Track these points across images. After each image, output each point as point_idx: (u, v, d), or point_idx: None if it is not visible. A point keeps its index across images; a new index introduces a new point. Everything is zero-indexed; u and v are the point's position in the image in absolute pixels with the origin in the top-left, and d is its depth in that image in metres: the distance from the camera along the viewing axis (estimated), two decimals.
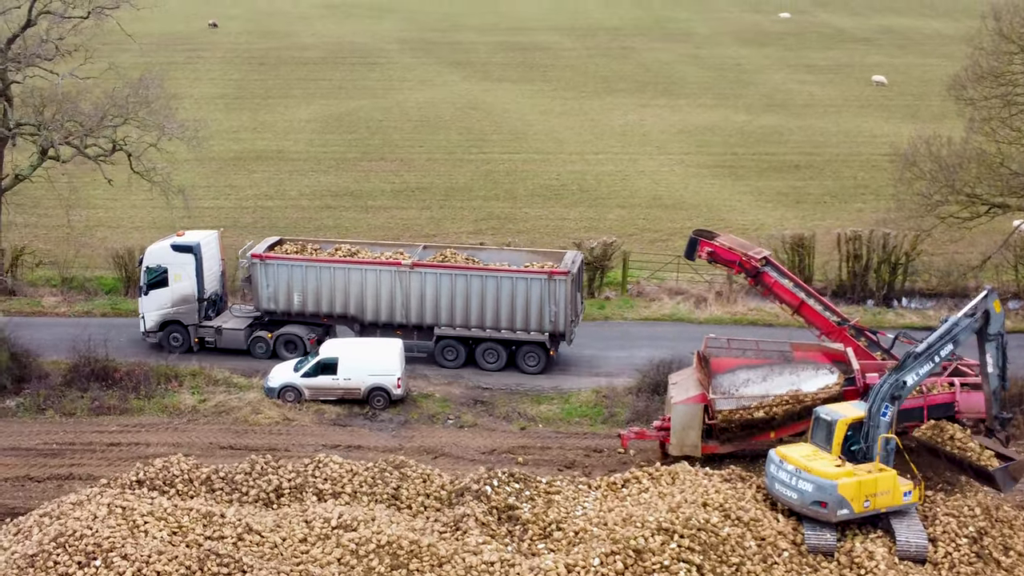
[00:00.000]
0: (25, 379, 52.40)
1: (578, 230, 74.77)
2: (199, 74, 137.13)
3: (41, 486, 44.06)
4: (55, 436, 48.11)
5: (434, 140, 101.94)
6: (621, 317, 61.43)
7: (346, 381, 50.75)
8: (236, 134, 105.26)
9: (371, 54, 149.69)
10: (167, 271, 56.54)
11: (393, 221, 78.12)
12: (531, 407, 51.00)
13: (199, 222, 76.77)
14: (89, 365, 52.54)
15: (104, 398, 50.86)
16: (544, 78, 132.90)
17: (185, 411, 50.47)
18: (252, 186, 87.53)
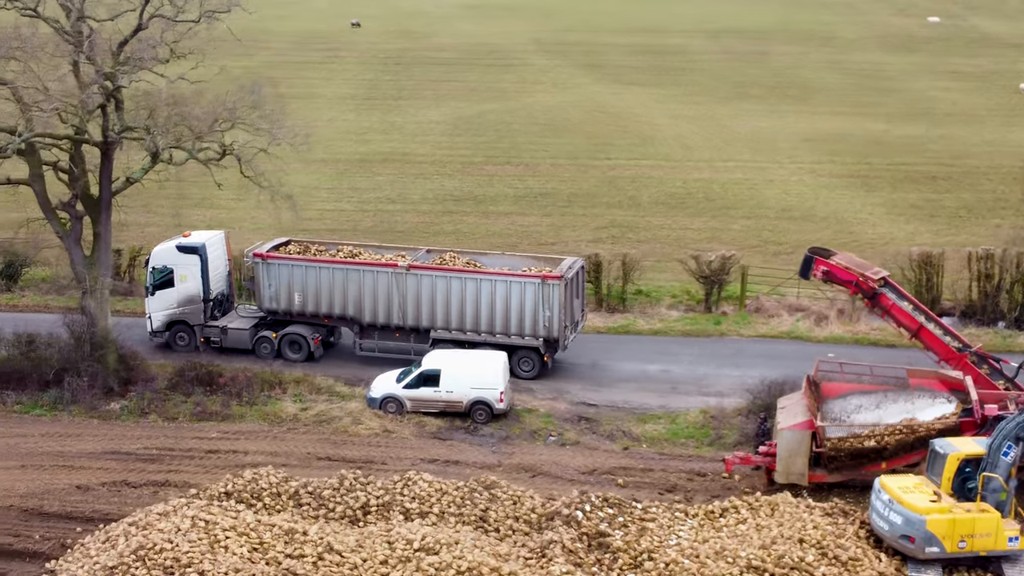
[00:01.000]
0: (132, 381, 52.54)
1: (700, 240, 73.06)
2: (333, 74, 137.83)
3: (137, 492, 43.93)
4: (155, 441, 48.05)
5: (560, 144, 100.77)
6: (737, 334, 59.59)
7: (448, 394, 49.90)
8: (364, 135, 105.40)
9: (506, 55, 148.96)
10: (173, 272, 56.90)
11: (513, 227, 77.17)
12: (636, 426, 49.58)
13: (319, 224, 77.07)
14: (194, 369, 52.50)
15: (207, 403, 50.73)
16: (676, 82, 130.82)
17: (286, 419, 50.06)
18: (375, 189, 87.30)
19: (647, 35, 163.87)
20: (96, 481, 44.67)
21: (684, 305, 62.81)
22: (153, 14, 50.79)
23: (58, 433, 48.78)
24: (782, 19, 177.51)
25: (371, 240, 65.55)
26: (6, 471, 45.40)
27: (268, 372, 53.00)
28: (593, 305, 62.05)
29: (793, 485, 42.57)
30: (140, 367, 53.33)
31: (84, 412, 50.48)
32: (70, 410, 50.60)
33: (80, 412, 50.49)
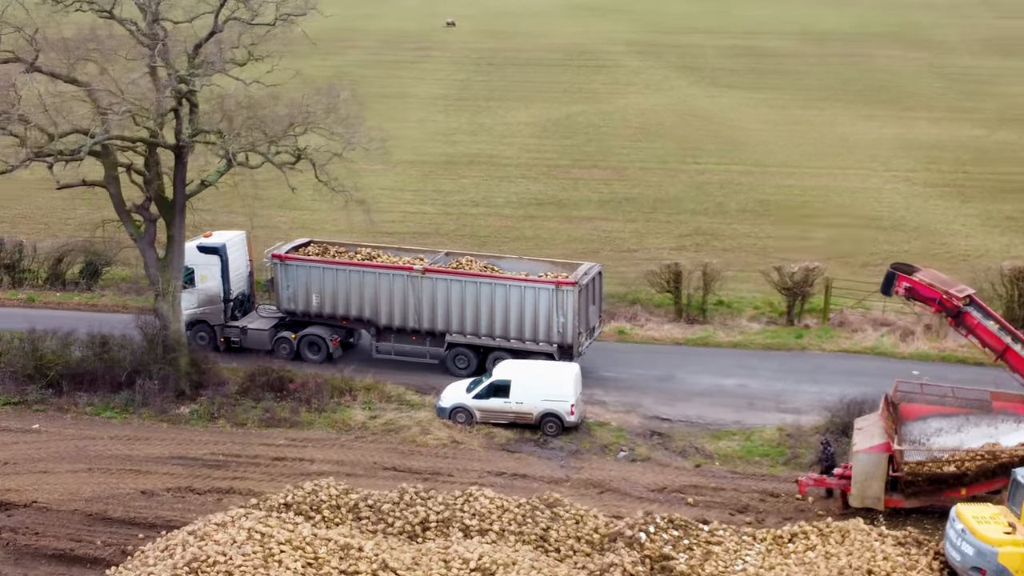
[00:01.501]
0: (203, 385, 52.43)
1: (786, 250, 71.40)
2: (425, 74, 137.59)
3: (201, 499, 43.69)
4: (223, 447, 47.80)
5: (650, 148, 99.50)
6: (818, 348, 58.04)
7: (518, 405, 49.09)
8: (452, 136, 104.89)
9: (600, 56, 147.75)
10: (193, 272, 56.83)
11: (595, 233, 76.12)
12: (710, 442, 48.37)
13: (401, 227, 76.75)
14: (265, 374, 52.22)
15: (276, 409, 50.44)
16: (771, 85, 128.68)
17: (354, 427, 49.57)
18: (459, 191, 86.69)
19: (745, 37, 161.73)
20: (161, 486, 44.52)
21: (766, 317, 61.36)
22: (229, 17, 50.50)
23: (127, 436, 48.73)
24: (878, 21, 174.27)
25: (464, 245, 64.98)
26: (73, 474, 45.44)
27: (339, 379, 52.53)
28: (672, 315, 60.94)
29: (868, 509, 41.25)
30: (212, 371, 53.19)
31: (154, 415, 50.41)
32: (140, 413, 50.56)
33: (150, 415, 50.43)
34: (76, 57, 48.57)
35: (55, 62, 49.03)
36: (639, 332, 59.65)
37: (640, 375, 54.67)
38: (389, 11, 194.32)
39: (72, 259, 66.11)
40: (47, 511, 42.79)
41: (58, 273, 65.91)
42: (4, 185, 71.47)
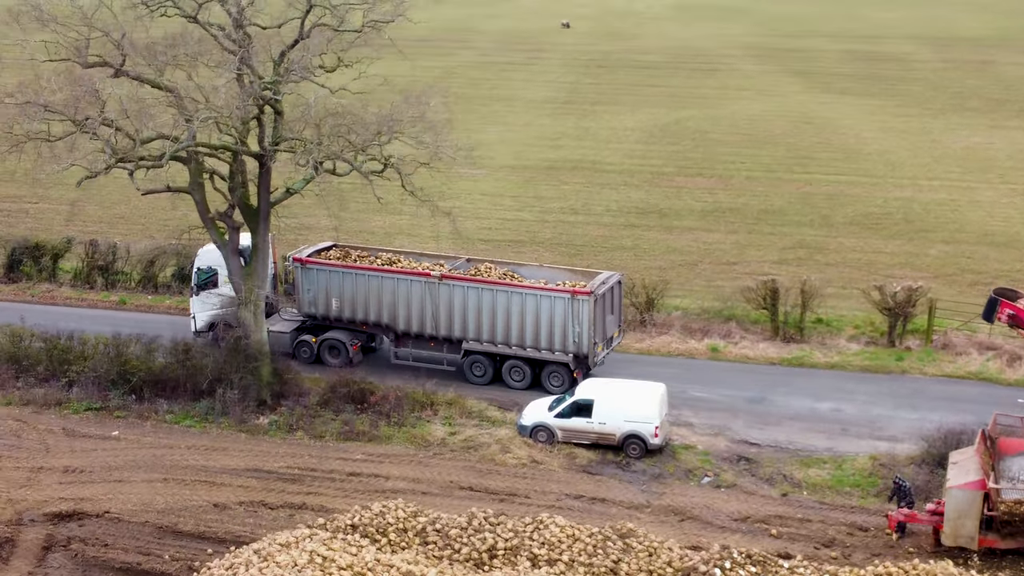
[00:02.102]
0: (284, 395, 51.83)
1: (893, 266, 69.13)
2: (535, 75, 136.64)
3: (273, 514, 42.99)
4: (299, 460, 47.07)
5: (758, 156, 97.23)
6: (919, 372, 55.65)
7: (600, 425, 47.68)
8: (557, 141, 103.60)
9: (713, 59, 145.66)
10: (216, 273, 56.43)
11: (695, 244, 74.33)
12: (798, 470, 46.48)
13: (497, 234, 75.81)
14: (346, 386, 51.45)
15: (355, 423, 49.60)
16: (890, 92, 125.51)
17: (433, 443, 48.54)
18: (560, 198, 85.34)
19: (867, 41, 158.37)
20: (234, 500, 43.92)
21: (866, 337, 59.01)
22: (315, 23, 49.77)
23: (204, 446, 48.24)
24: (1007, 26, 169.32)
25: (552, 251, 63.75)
26: (148, 484, 45.04)
27: (420, 392, 51.57)
28: (768, 333, 58.97)
29: (961, 549, 39.18)
30: (293, 381, 52.59)
31: (233, 425, 49.87)
32: (219, 422, 50.06)
33: (229, 425, 49.91)
34: (162, 63, 48.21)
35: (141, 67, 48.78)
36: (732, 350, 57.83)
37: (730, 396, 52.90)
38: (508, 11, 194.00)
39: (164, 262, 66.04)
40: (118, 522, 42.44)
41: (150, 276, 65.89)
42: (106, 185, 72.11)
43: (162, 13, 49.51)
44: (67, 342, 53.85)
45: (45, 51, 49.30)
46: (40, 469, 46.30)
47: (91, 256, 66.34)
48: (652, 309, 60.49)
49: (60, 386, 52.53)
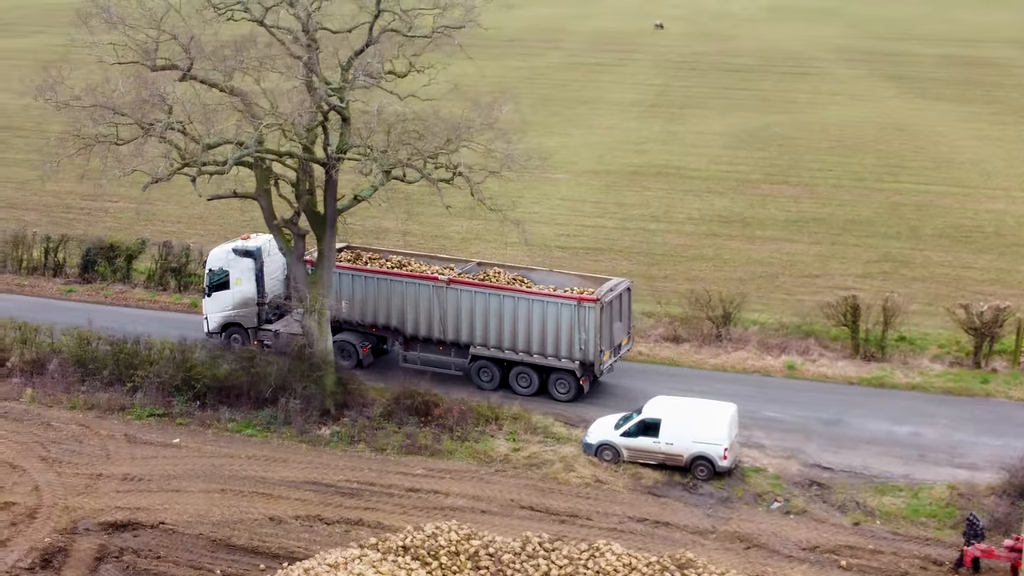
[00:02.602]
0: (347, 406, 51.05)
1: (982, 282, 66.84)
2: (624, 77, 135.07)
3: (328, 529, 42.23)
4: (358, 473, 46.24)
5: (846, 164, 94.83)
6: (1005, 395, 53.44)
7: (668, 446, 46.29)
8: (642, 146, 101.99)
9: (804, 63, 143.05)
10: (228, 274, 57.01)
11: (777, 255, 72.42)
12: (872, 497, 44.69)
13: (575, 241, 74.67)
14: (411, 398, 50.54)
15: (418, 436, 48.65)
16: (986, 98, 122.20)
17: (495, 459, 47.44)
18: (641, 205, 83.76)
19: (959, 45, 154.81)
20: (291, 513, 43.22)
21: (950, 357, 56.83)
22: (384, 28, 48.87)
23: (264, 457, 47.60)
24: None
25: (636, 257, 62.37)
26: (206, 494, 44.49)
27: (485, 406, 50.51)
28: (848, 351, 57.07)
29: None
30: (357, 391, 51.81)
31: (294, 436, 49.14)
32: (281, 432, 49.36)
33: (290, 435, 49.19)
34: (229, 67, 47.63)
35: (208, 71, 48.25)
36: (810, 368, 56.02)
37: (805, 417, 51.17)
38: (600, 11, 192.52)
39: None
40: (173, 533, 41.96)
41: None
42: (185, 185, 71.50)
43: (228, 17, 48.89)
44: (133, 346, 53.54)
45: (114, 53, 48.98)
46: (99, 476, 45.96)
47: (164, 258, 66.10)
48: (729, 323, 58.85)
49: (124, 391, 52.23)
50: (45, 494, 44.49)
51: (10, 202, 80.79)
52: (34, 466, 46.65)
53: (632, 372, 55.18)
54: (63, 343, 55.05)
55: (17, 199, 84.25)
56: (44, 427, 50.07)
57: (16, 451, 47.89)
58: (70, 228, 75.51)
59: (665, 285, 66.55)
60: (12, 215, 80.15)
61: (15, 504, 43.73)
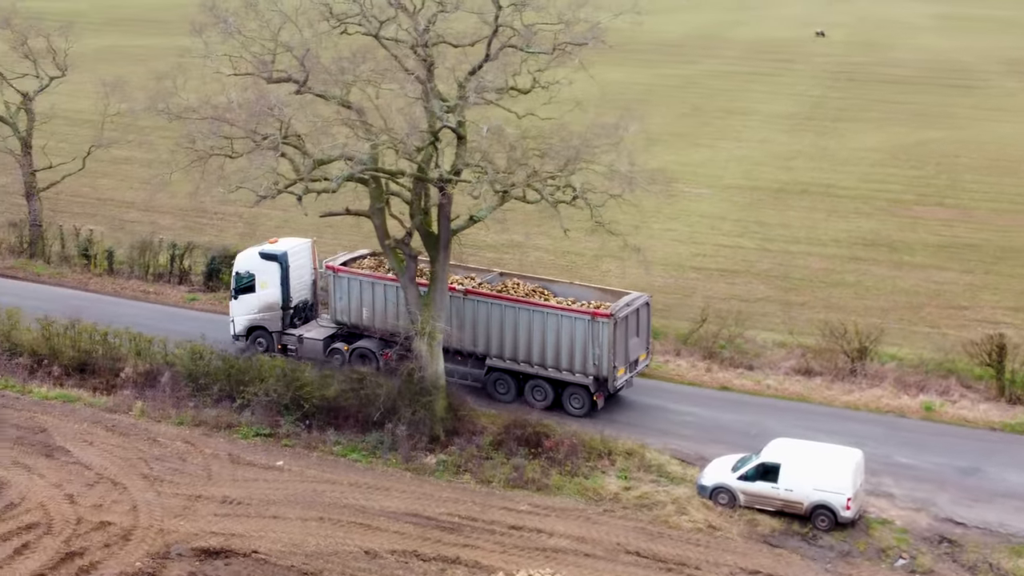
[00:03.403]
0: (457, 432, 49.30)
1: None
2: (778, 88, 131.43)
3: (424, 567, 40.55)
4: (461, 506, 44.44)
5: (1007, 185, 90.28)
6: None
7: (787, 492, 43.58)
8: (789, 161, 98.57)
9: (970, 75, 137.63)
10: (255, 277, 57.20)
11: (924, 284, 68.65)
12: (1008, 558, 41.32)
13: (710, 262, 72.25)
14: (521, 427, 48.59)
15: (525, 468, 46.62)
16: None
17: (605, 498, 45.22)
18: (783, 225, 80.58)
19: None
20: (387, 547, 41.66)
21: None
22: (504, 44, 46.99)
23: (366, 484, 46.10)
24: None
25: None
26: (303, 522, 43.20)
27: (598, 439, 48.30)
28: (992, 394, 53.46)
29: None
30: (468, 417, 50.05)
31: (399, 462, 47.57)
32: (386, 458, 47.83)
33: (395, 462, 47.63)
34: (346, 81, 46.28)
35: (323, 84, 46.98)
36: (949, 410, 52.54)
37: (940, 465, 47.87)
38: (759, 18, 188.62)
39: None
40: (264, 563, 40.75)
41: None
42: None
43: (343, 31, 47.57)
44: (244, 363, 52.58)
45: (230, 65, 48.08)
46: (198, 498, 44.96)
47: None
48: (865, 358, 55.69)
49: (233, 408, 51.29)
50: (142, 514, 43.63)
51: (147, 205, 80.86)
52: (135, 484, 45.89)
53: (758, 407, 52.69)
54: (176, 356, 54.33)
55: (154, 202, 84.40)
56: (150, 443, 49.34)
57: (119, 467, 47.21)
58: (200, 234, 75.41)
59: (801, 313, 63.61)
60: (148, 218, 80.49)
61: (111, 524, 42.94)
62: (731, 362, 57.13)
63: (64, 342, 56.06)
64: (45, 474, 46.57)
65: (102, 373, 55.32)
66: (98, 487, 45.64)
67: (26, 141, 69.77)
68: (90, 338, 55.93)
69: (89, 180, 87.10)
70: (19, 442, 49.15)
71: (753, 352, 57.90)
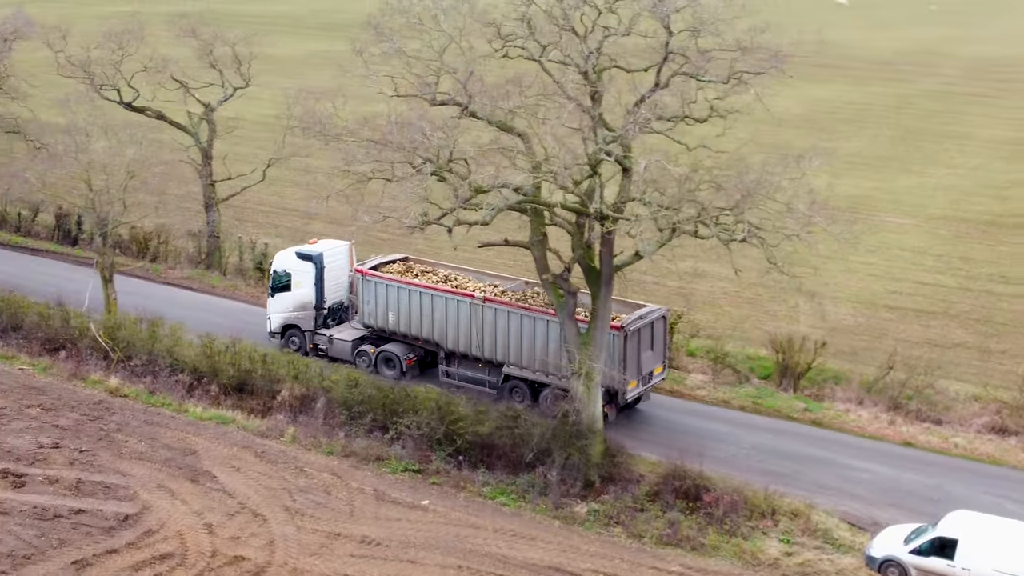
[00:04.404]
0: (612, 480, 46.60)
1: None
2: (1000, 111, 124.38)
3: None
4: (608, 563, 41.60)
5: None
6: None
7: (964, 571, 39.62)
8: (1005, 191, 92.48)
9: None
10: (291, 277, 58.46)
11: None
12: None
13: (907, 300, 68.98)
14: (680, 478, 45.56)
15: (680, 525, 43.58)
16: None
17: (763, 563, 41.88)
18: (992, 262, 75.13)
19: None
20: None
21: None
22: (675, 72, 44.05)
23: (512, 531, 43.67)
24: None
25: None
26: (441, 569, 41.13)
27: (761, 496, 44.88)
28: None
29: None
30: (624, 464, 47.28)
31: (548, 509, 45.05)
32: (536, 504, 45.35)
33: (544, 508, 45.12)
34: (509, 106, 44.04)
35: (486, 109, 44.84)
36: None
37: None
38: (986, 35, 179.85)
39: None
40: None
41: None
42: None
43: (504, 54, 45.36)
44: (399, 392, 50.80)
45: (392, 86, 46.41)
46: (337, 536, 43.19)
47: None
48: None
49: (384, 440, 49.52)
50: (278, 551, 42.07)
51: (332, 217, 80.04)
52: (276, 516, 44.43)
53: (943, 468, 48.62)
54: (333, 381, 52.88)
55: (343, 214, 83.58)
56: (297, 472, 47.88)
57: (263, 497, 45.84)
58: (379, 249, 74.12)
59: (1000, 363, 58.93)
60: (335, 232, 79.53)
61: (245, 560, 41.45)
62: (917, 415, 52.99)
63: (224, 360, 55.21)
64: (188, 500, 45.51)
65: (259, 395, 54.30)
66: (238, 517, 44.33)
67: (207, 151, 69.55)
68: (249, 358, 54.95)
69: (277, 188, 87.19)
70: (168, 464, 48.28)
71: (943, 405, 53.60)
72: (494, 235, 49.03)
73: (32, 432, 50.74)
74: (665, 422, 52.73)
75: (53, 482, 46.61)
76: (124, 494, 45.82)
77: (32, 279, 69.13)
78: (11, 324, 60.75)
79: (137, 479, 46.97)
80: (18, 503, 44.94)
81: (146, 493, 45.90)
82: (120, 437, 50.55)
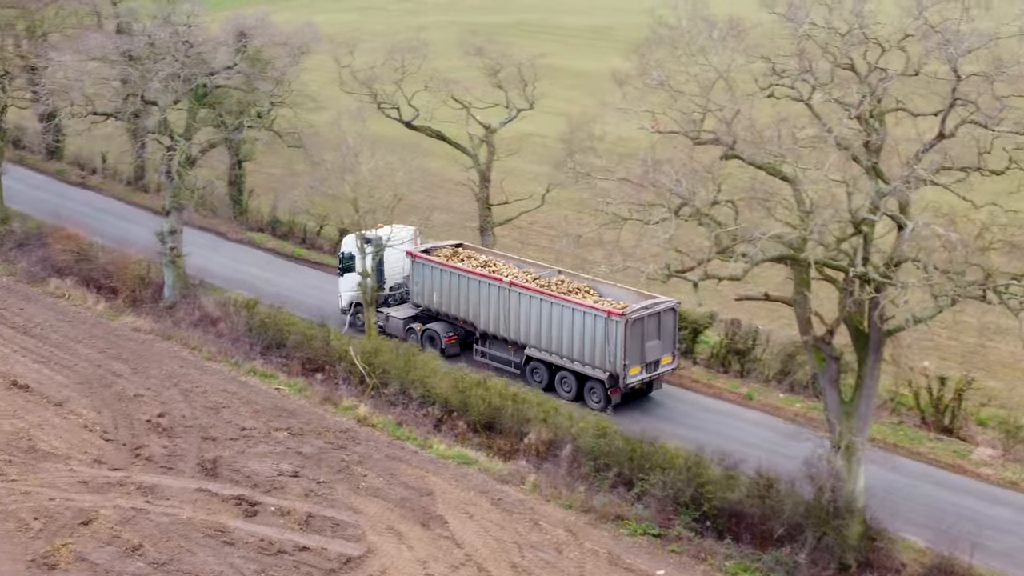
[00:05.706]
0: (871, 566, 41.96)
1: None
2: None
3: None
4: None
5: None
6: None
7: None
8: None
9: None
10: (355, 258, 61.09)
11: None
12: None
13: None
14: (947, 572, 40.64)
15: None
16: None
17: None
18: None
19: None
20: None
21: None
22: (964, 120, 39.15)
23: None
24: None
25: None
26: None
27: None
28: None
29: None
30: (886, 549, 42.49)
31: None
32: None
33: None
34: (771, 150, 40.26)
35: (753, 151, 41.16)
36: None
37: None
38: None
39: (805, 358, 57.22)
40: None
41: (787, 371, 57.42)
42: None
43: (770, 94, 41.48)
44: (647, 447, 47.50)
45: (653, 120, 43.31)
46: None
47: (731, 337, 59.34)
48: None
49: (626, 497, 46.39)
50: None
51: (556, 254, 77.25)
52: (502, 573, 41.88)
53: None
54: (581, 429, 49.97)
55: None
56: (531, 525, 45.22)
57: (491, 550, 43.35)
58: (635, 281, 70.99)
59: None
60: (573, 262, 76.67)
61: None
62: None
63: (476, 395, 53.18)
64: (414, 546, 43.53)
65: (507, 435, 52.04)
66: (462, 571, 42.04)
67: (484, 174, 67.82)
68: (500, 395, 52.71)
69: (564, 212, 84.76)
70: (401, 504, 46.47)
71: None
72: (752, 289, 45.00)
73: (275, 458, 49.94)
74: (938, 501, 47.45)
75: (285, 514, 45.50)
76: (352, 533, 44.28)
77: (303, 292, 69.30)
78: (275, 341, 60.58)
79: (368, 518, 45.36)
80: (246, 533, 44.01)
81: (374, 534, 44.22)
82: (360, 470, 49.12)
